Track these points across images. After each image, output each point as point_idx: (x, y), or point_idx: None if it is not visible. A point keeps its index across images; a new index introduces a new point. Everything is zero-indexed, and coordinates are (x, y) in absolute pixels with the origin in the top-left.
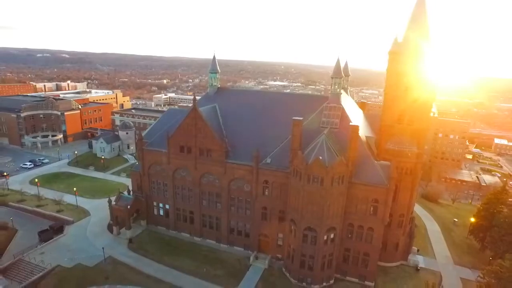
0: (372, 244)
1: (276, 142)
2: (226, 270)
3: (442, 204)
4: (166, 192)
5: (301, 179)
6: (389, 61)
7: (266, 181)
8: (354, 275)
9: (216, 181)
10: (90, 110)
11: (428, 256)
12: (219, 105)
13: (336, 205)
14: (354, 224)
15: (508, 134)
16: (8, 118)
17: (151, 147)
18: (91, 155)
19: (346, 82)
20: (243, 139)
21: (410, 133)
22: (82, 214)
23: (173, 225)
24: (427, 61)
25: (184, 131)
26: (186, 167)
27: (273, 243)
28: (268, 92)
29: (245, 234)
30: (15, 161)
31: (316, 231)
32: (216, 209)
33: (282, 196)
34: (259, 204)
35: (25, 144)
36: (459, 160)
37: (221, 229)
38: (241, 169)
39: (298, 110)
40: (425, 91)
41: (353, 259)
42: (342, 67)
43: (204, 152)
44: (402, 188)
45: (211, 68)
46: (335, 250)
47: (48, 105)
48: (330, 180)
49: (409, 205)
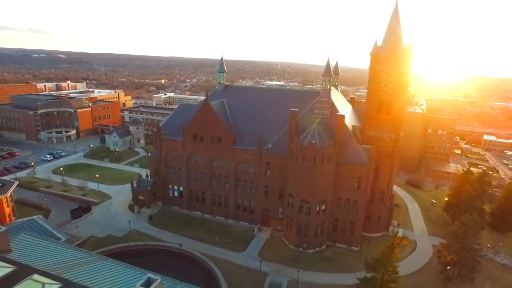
0: (357, 214)
1: (276, 130)
2: (234, 239)
3: (425, 190)
4: (181, 176)
5: (297, 160)
6: (370, 61)
7: (268, 163)
8: (342, 242)
9: (225, 165)
10: (99, 108)
11: (407, 229)
12: (226, 100)
13: (326, 181)
14: (341, 198)
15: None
16: (25, 115)
17: (168, 136)
18: (105, 149)
19: (336, 80)
20: (248, 128)
21: (388, 122)
22: (105, 198)
23: (186, 204)
24: (400, 61)
25: (198, 122)
26: (198, 153)
27: (274, 217)
28: (268, 89)
29: (250, 210)
30: (35, 154)
31: (310, 203)
32: (224, 189)
33: (281, 176)
34: (262, 183)
35: (41, 139)
36: (447, 154)
37: (229, 207)
38: (247, 153)
39: (294, 103)
40: (399, 86)
41: (341, 228)
42: (333, 67)
43: (215, 140)
44: (382, 169)
45: (219, 68)
46: (326, 220)
47: (61, 103)
48: (321, 159)
49: (388, 183)
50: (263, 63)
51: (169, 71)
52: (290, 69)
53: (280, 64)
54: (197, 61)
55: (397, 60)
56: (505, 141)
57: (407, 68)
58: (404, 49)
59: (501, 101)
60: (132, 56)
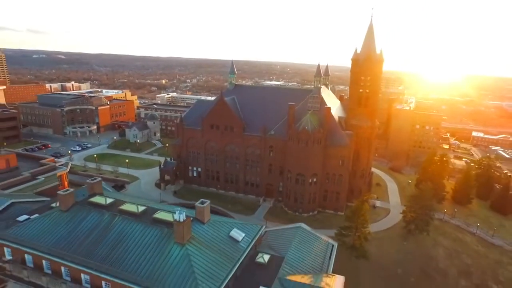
0: (341, 186)
1: (277, 120)
2: (244, 207)
3: (404, 174)
4: (199, 158)
5: (294, 142)
6: (351, 65)
7: (271, 146)
8: (330, 208)
9: (236, 148)
10: (116, 106)
11: (384, 201)
12: (236, 97)
13: (316, 158)
14: (329, 172)
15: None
16: (53, 112)
17: (189, 126)
18: (125, 141)
19: (326, 79)
20: (254, 119)
21: (366, 113)
22: (134, 178)
23: (204, 182)
24: (374, 65)
25: (214, 114)
26: (214, 139)
27: (276, 190)
28: (271, 87)
29: (256, 185)
30: (64, 146)
31: (304, 176)
32: (235, 168)
33: (281, 156)
34: (266, 163)
35: (67, 134)
36: (434, 148)
37: (239, 183)
38: (254, 139)
39: (292, 99)
40: (374, 85)
41: (329, 197)
42: (324, 69)
43: (228, 128)
44: (362, 150)
45: (230, 70)
46: (317, 190)
47: (84, 101)
48: (312, 142)
49: (367, 162)
50: (262, 63)
51: (169, 71)
52: (289, 69)
53: (279, 64)
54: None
55: (372, 64)
56: (491, 137)
57: (380, 70)
58: (377, 55)
59: (497, 100)
60: (132, 56)
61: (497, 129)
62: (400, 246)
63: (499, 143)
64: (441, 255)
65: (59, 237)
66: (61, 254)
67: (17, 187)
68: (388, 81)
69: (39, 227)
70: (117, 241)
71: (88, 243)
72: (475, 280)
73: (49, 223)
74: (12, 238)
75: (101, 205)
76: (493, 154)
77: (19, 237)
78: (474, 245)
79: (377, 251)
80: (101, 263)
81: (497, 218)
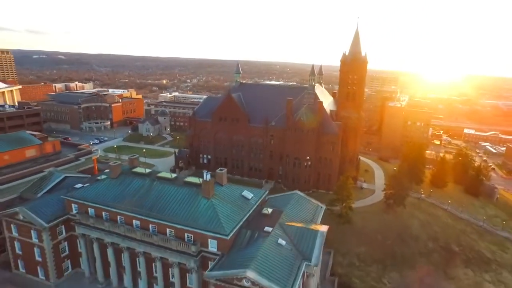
0: (332, 168)
1: (277, 113)
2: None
3: (391, 163)
4: (209, 147)
5: (291, 131)
6: (340, 65)
7: (272, 135)
8: (323, 188)
9: (241, 138)
10: (127, 103)
11: (370, 184)
12: (242, 93)
13: (311, 145)
14: (321, 157)
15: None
16: (71, 109)
17: (200, 118)
18: (138, 135)
19: (320, 78)
20: (257, 112)
21: (353, 107)
22: (151, 166)
23: (213, 168)
24: (359, 66)
25: (222, 108)
26: (223, 130)
27: (276, 173)
28: (271, 84)
29: (259, 170)
30: (82, 140)
31: (300, 160)
32: (241, 155)
33: (281, 143)
34: (268, 150)
35: (83, 129)
36: (425, 143)
37: (244, 168)
38: (257, 129)
39: (290, 95)
40: (359, 82)
41: (322, 178)
42: (318, 69)
43: (234, 120)
44: (350, 138)
45: (235, 70)
46: (311, 172)
47: (99, 99)
48: (306, 130)
49: (354, 149)
50: (261, 63)
51: (169, 71)
52: (289, 69)
53: (278, 64)
54: (196, 61)
55: (358, 65)
56: (481, 134)
57: (364, 70)
58: (362, 57)
59: (494, 99)
60: (131, 56)
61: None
62: (381, 217)
63: (488, 139)
64: (415, 225)
65: (113, 196)
66: (117, 206)
67: (64, 166)
68: (385, 80)
69: (96, 190)
70: (158, 198)
71: (136, 199)
72: (441, 243)
73: (104, 187)
74: (79, 197)
75: (142, 173)
76: (482, 149)
77: (83, 197)
78: (444, 218)
79: (361, 222)
80: (148, 211)
81: (469, 198)
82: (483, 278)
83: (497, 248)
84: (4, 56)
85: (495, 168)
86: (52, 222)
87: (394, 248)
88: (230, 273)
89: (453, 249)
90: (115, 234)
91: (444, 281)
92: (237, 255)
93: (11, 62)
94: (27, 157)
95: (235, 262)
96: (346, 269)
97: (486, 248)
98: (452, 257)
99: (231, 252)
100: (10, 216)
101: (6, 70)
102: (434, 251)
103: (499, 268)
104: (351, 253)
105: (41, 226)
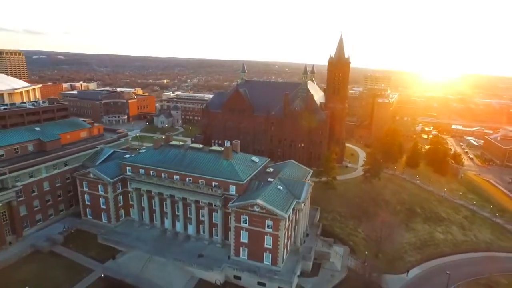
0: (321, 149)
1: (276, 104)
2: None
3: None
4: (220, 133)
5: (288, 119)
6: (328, 65)
7: (272, 122)
8: (314, 165)
9: (247, 125)
10: (141, 100)
11: (354, 164)
12: (247, 88)
13: (303, 129)
14: (313, 140)
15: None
16: (93, 104)
17: (212, 109)
18: (153, 127)
19: (313, 76)
20: (260, 103)
21: (339, 99)
22: None
23: None
24: (343, 66)
25: (231, 101)
26: (231, 119)
27: (276, 154)
28: (272, 82)
29: (261, 152)
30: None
31: (295, 142)
32: (247, 140)
33: (280, 129)
34: (269, 135)
35: (103, 122)
36: (411, 136)
37: (249, 151)
38: (260, 118)
39: (287, 89)
40: (343, 80)
41: (313, 157)
42: (310, 69)
43: (241, 111)
44: (336, 125)
45: (241, 70)
46: (304, 152)
47: (117, 95)
48: (300, 118)
49: (340, 133)
50: (260, 62)
51: (169, 71)
52: (287, 68)
53: (277, 64)
54: (196, 61)
55: (342, 65)
56: (467, 129)
57: (347, 69)
58: (345, 59)
59: (488, 98)
60: (131, 57)
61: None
62: (359, 187)
63: (473, 134)
64: (387, 193)
65: (157, 160)
66: (162, 166)
67: (110, 144)
68: (378, 79)
69: (143, 157)
70: (191, 161)
71: (175, 162)
72: (407, 206)
73: (149, 155)
74: (131, 161)
75: (177, 145)
76: (465, 143)
77: (135, 161)
78: (412, 189)
79: (343, 189)
80: (185, 168)
81: (437, 176)
82: (435, 230)
83: (452, 211)
84: (17, 57)
85: (473, 157)
86: (114, 178)
87: (369, 209)
88: (246, 202)
89: (416, 210)
90: (161, 185)
91: (405, 232)
92: (250, 195)
93: (23, 62)
94: (81, 137)
95: (249, 198)
96: (330, 222)
97: (443, 211)
98: (414, 215)
99: (245, 194)
100: (83, 175)
101: (19, 70)
102: (400, 211)
103: (450, 224)
104: (334, 211)
105: (107, 181)
